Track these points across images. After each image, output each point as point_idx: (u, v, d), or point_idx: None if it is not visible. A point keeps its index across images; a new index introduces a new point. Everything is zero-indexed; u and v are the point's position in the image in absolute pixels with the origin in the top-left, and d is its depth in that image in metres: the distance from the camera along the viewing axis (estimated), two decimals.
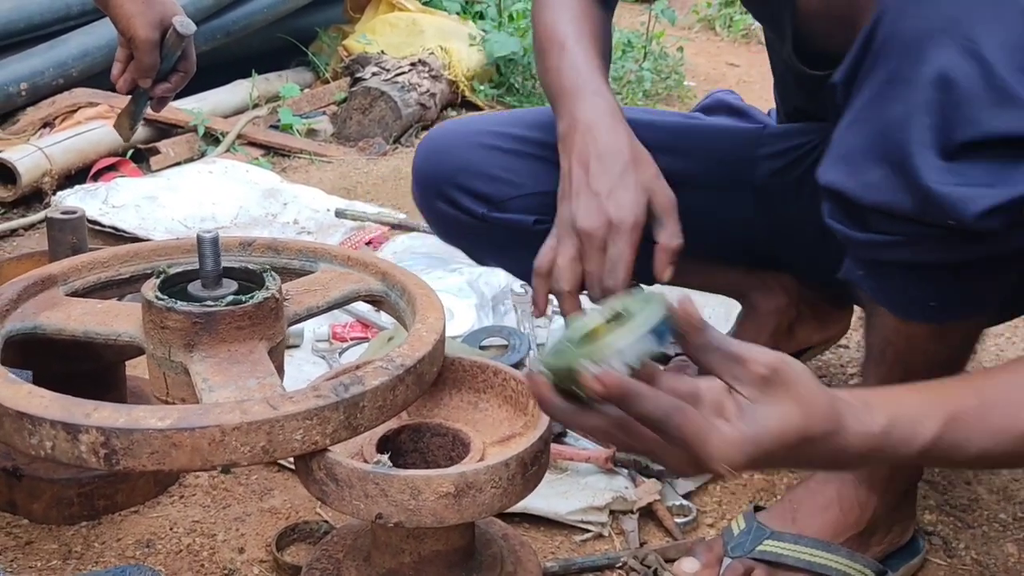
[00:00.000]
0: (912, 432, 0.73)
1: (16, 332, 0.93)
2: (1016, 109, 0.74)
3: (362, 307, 1.53)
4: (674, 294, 0.74)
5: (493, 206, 1.20)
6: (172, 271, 0.96)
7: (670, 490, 1.16)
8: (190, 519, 1.11)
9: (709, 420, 0.68)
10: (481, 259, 1.36)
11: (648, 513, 1.14)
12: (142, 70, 1.27)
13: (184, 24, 1.24)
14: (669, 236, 1.01)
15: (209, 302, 0.91)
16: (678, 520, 1.12)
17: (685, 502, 1.15)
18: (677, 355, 1.45)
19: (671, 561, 1.05)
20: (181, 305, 0.89)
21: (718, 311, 1.65)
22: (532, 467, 0.87)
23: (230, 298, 0.91)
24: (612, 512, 1.13)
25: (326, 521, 1.10)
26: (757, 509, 1.05)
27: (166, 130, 2.20)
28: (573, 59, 1.08)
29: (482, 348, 1.50)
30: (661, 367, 1.46)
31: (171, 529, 1.10)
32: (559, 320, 1.59)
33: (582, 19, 1.12)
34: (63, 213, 1.11)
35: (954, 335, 0.92)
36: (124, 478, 1.10)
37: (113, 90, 2.17)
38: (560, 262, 1.00)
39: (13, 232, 1.80)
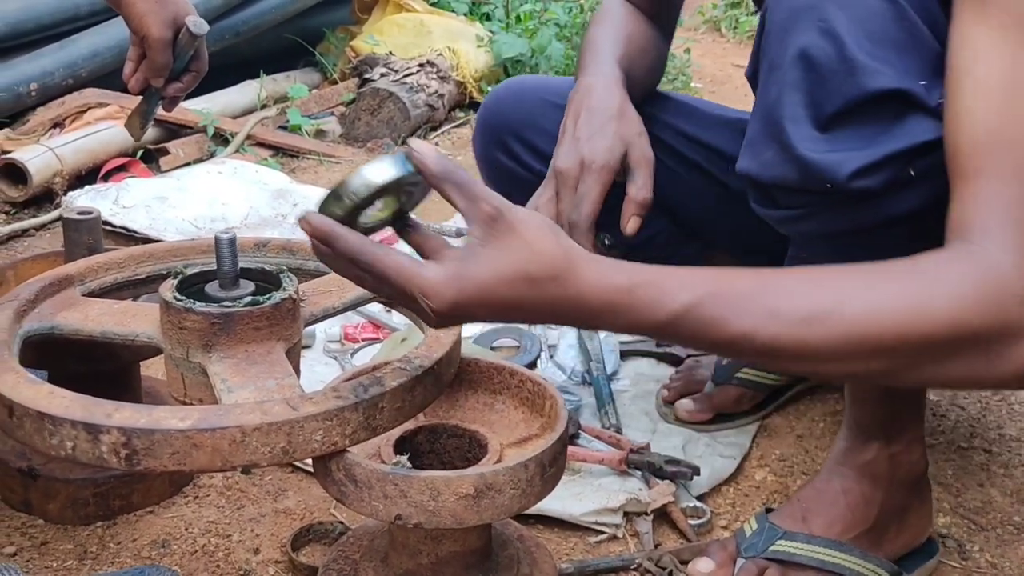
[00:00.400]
0: (662, 296, 0.70)
1: (34, 332, 0.93)
2: (868, 74, 0.80)
3: (374, 308, 1.53)
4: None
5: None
6: (189, 272, 0.96)
7: (684, 492, 1.16)
8: (205, 519, 1.12)
9: (410, 258, 0.72)
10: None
11: (662, 515, 1.14)
12: (154, 69, 1.27)
13: (197, 24, 1.24)
14: (638, 188, 1.06)
15: (227, 303, 0.91)
16: (692, 522, 1.12)
17: (699, 504, 1.15)
18: (689, 356, 1.45)
19: (686, 563, 1.05)
20: (199, 306, 0.89)
21: None
22: (550, 469, 0.87)
23: (248, 299, 0.91)
24: (626, 514, 1.13)
25: (341, 522, 1.10)
26: (768, 511, 1.06)
27: (175, 130, 2.20)
28: (599, 51, 1.15)
29: (493, 349, 1.50)
30: (675, 369, 1.44)
31: (186, 529, 1.10)
32: None
33: (621, 29, 1.18)
34: (79, 214, 1.11)
35: None
36: (140, 478, 1.10)
37: (123, 90, 2.18)
38: (538, 202, 1.07)
39: (24, 232, 1.80)
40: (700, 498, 1.17)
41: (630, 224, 1.06)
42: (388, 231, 2.09)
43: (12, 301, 0.93)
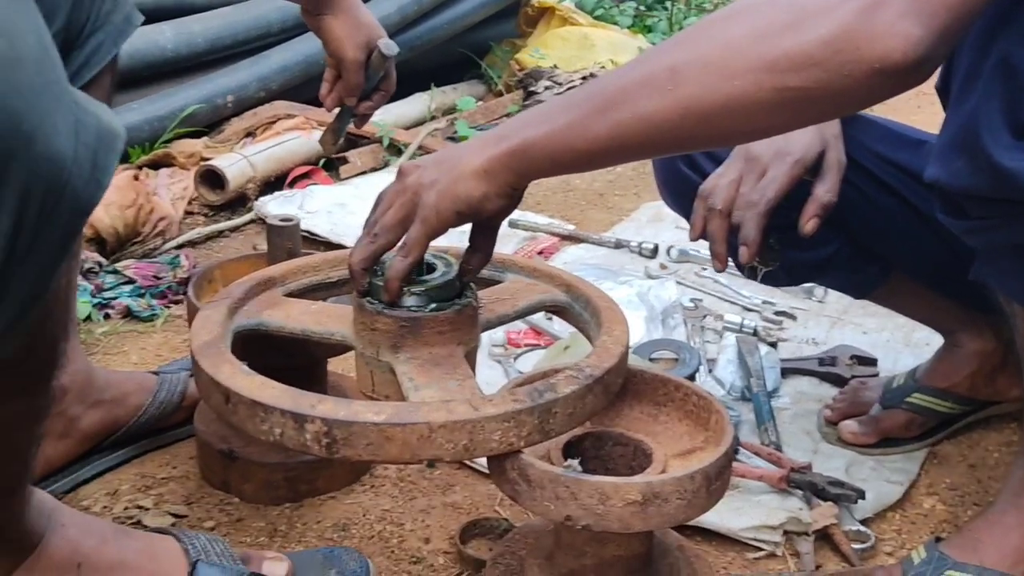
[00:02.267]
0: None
1: (243, 327, 1.03)
2: None
3: (537, 316, 1.59)
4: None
5: None
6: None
7: (847, 515, 1.15)
8: (380, 508, 1.20)
9: None
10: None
11: (823, 537, 1.13)
12: (348, 89, 1.36)
13: (388, 46, 1.33)
14: (824, 190, 1.06)
15: (414, 308, 0.97)
16: (855, 546, 1.11)
17: (863, 528, 1.14)
18: (854, 376, 1.43)
19: None
20: (389, 310, 0.97)
21: (896, 335, 1.61)
22: (716, 482, 0.89)
23: (434, 304, 0.98)
24: (786, 532, 1.14)
25: (506, 519, 1.16)
26: (938, 540, 1.04)
27: (354, 141, 2.33)
28: None
29: (651, 360, 1.52)
30: (838, 390, 1.41)
31: (364, 516, 1.18)
32: (730, 337, 1.60)
33: None
34: (281, 220, 1.21)
35: None
36: (325, 465, 1.19)
37: (309, 103, 2.33)
38: (720, 182, 1.07)
39: (220, 233, 1.96)
40: (864, 523, 1.16)
41: (809, 224, 1.06)
42: (551, 240, 2.11)
43: (226, 299, 1.03)
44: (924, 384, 1.30)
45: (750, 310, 1.70)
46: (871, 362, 1.48)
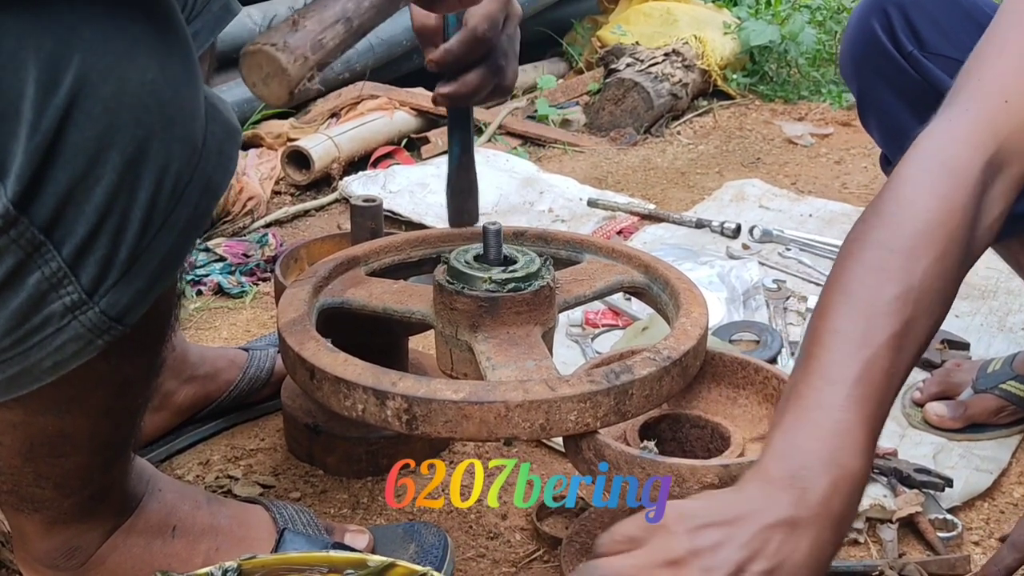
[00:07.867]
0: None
1: (328, 305, 1.06)
2: None
3: (615, 297, 1.58)
4: None
5: (924, 51, 1.14)
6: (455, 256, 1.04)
7: (933, 503, 1.12)
8: (459, 484, 1.22)
9: None
10: (866, 103, 1.26)
11: (908, 524, 1.11)
12: None
13: None
14: None
15: (492, 288, 0.99)
16: (941, 535, 1.09)
17: (950, 517, 1.11)
18: (944, 361, 1.39)
19: None
20: (469, 290, 0.98)
21: (990, 319, 1.56)
22: None
23: (511, 285, 0.99)
24: (869, 519, 1.12)
25: (582, 498, 1.17)
26: None
27: (435, 120, 2.36)
28: None
29: (731, 342, 1.50)
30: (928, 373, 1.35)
31: (443, 491, 1.20)
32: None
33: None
34: (364, 201, 1.24)
35: None
36: (404, 440, 1.22)
37: (392, 83, 2.35)
38: None
39: (306, 212, 2.01)
40: (951, 511, 1.13)
41: None
42: (631, 220, 2.08)
43: (311, 278, 1.06)
44: (1022, 373, 1.25)
45: None
46: (963, 346, 1.44)
